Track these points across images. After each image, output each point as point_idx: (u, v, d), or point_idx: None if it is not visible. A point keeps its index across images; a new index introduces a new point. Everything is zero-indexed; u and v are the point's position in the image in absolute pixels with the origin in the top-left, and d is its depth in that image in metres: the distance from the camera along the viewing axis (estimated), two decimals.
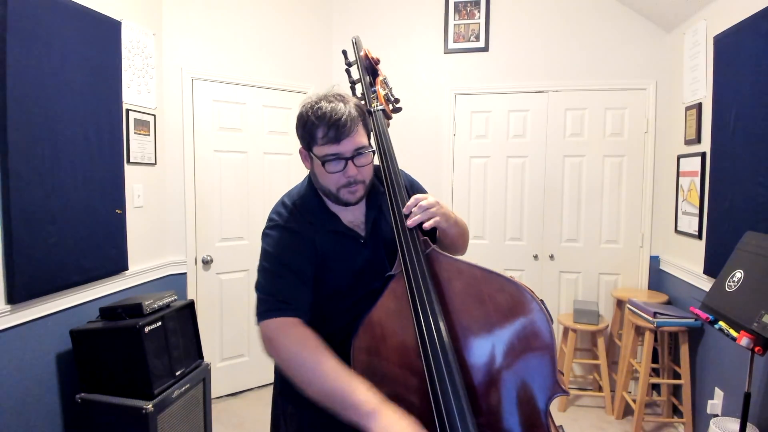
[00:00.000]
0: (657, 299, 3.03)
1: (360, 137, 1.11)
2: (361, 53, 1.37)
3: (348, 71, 1.41)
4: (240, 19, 3.23)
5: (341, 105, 1.09)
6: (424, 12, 3.59)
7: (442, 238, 1.24)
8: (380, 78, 1.36)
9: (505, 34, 3.48)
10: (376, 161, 1.22)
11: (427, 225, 1.11)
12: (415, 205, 1.12)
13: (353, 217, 1.21)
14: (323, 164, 1.10)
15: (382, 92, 1.32)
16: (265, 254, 1.15)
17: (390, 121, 1.33)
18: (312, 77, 3.56)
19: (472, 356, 1.04)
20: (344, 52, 1.42)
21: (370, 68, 1.38)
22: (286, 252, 1.13)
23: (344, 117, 1.07)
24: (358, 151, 1.11)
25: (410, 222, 1.11)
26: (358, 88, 1.36)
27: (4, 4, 1.82)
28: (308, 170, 1.21)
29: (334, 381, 0.96)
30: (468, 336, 1.05)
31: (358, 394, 0.93)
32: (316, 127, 1.09)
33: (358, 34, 1.50)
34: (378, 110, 1.27)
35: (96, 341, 2.07)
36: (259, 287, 1.13)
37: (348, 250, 1.19)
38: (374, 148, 1.19)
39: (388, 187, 1.18)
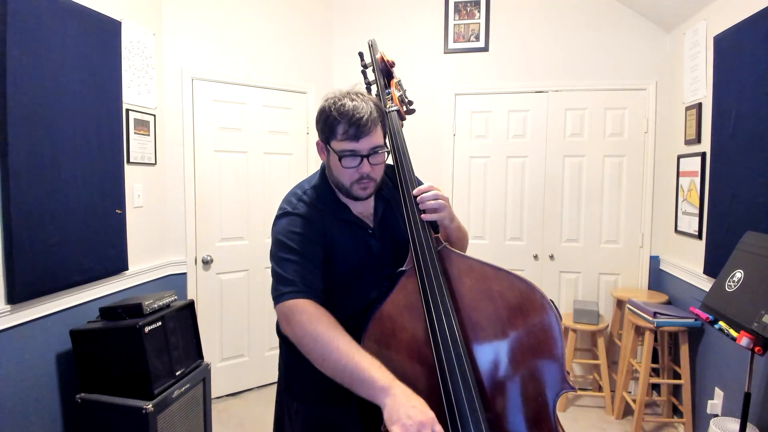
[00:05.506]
0: (657, 299, 3.03)
1: (377, 137, 1.15)
2: (377, 56, 1.42)
3: (364, 73, 1.46)
4: (240, 18, 3.23)
5: (363, 104, 1.13)
6: (424, 12, 3.59)
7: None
8: (395, 80, 1.41)
9: (505, 34, 3.48)
10: (390, 161, 1.27)
11: (428, 217, 1.17)
12: (432, 198, 1.18)
13: (363, 208, 1.26)
14: (340, 159, 1.14)
15: (396, 94, 1.37)
16: (275, 241, 1.18)
17: (403, 122, 1.37)
18: (312, 77, 3.56)
19: (482, 352, 1.06)
20: (361, 54, 1.47)
21: (385, 71, 1.42)
22: (295, 237, 1.16)
23: (365, 117, 1.11)
24: (374, 150, 1.15)
25: (424, 216, 1.18)
26: (374, 89, 1.41)
27: (4, 4, 1.82)
28: (323, 162, 1.26)
29: (348, 357, 0.99)
30: (478, 333, 1.06)
31: (372, 370, 0.96)
32: (337, 123, 1.13)
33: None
34: (392, 111, 1.31)
35: (96, 341, 2.07)
36: (273, 273, 1.16)
37: (356, 238, 1.23)
38: (389, 148, 1.23)
39: (401, 186, 1.22)
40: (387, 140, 1.26)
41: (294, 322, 1.07)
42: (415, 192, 1.19)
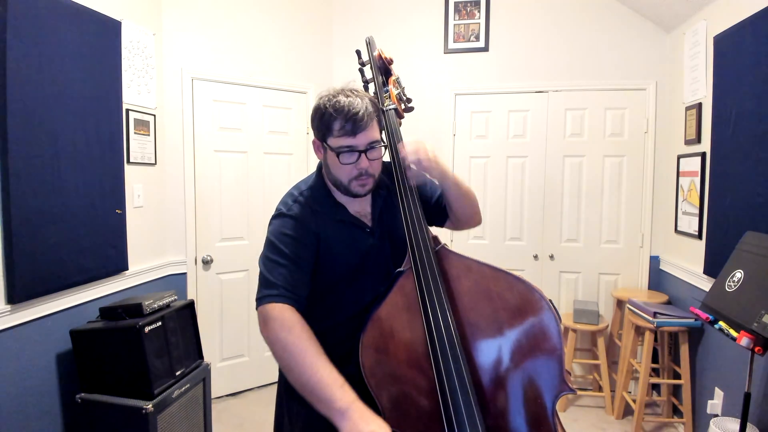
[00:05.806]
0: (657, 299, 3.03)
1: (374, 132, 1.16)
2: (375, 53, 1.40)
3: (361, 71, 1.44)
4: (240, 19, 3.23)
5: (358, 100, 1.13)
6: (424, 12, 3.59)
7: (446, 199, 1.28)
8: (393, 78, 1.39)
9: (505, 34, 3.48)
10: (387, 159, 1.26)
11: (414, 174, 1.17)
12: (415, 157, 1.17)
13: (360, 207, 1.25)
14: (337, 156, 1.14)
15: (394, 91, 1.35)
16: (266, 242, 1.19)
17: (402, 120, 1.36)
18: (312, 77, 3.56)
19: (480, 353, 1.05)
20: (358, 52, 1.45)
21: (383, 68, 1.41)
22: (285, 240, 1.16)
23: (361, 112, 1.11)
24: (371, 145, 1.15)
25: (410, 174, 1.19)
26: (371, 87, 1.40)
27: (4, 4, 1.82)
28: (320, 161, 1.25)
29: (311, 372, 0.98)
30: (476, 333, 1.06)
31: (333, 389, 0.95)
32: (333, 119, 1.13)
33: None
34: (390, 109, 1.31)
35: (96, 341, 2.07)
36: (260, 275, 1.16)
37: (354, 237, 1.22)
38: (386, 143, 1.23)
39: (398, 184, 1.21)
40: (384, 137, 1.25)
41: (268, 327, 1.06)
42: (399, 149, 1.20)
